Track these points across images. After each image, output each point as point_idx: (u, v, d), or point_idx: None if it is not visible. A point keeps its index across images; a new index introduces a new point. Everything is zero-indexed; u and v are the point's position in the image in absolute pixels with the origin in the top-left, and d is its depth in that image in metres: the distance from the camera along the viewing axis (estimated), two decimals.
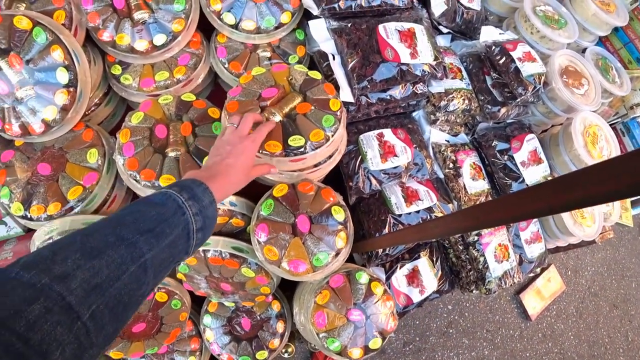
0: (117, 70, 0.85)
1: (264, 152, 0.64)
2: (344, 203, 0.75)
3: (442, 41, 1.05)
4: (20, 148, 0.80)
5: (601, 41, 1.20)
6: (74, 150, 0.78)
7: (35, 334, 0.27)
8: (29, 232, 0.86)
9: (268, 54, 0.89)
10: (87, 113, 0.88)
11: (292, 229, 0.70)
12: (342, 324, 0.74)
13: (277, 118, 0.67)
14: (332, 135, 0.67)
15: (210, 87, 0.99)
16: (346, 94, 0.82)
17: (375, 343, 0.75)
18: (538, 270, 1.16)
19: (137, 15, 0.80)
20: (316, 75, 0.73)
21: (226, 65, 0.87)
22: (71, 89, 0.74)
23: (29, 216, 0.74)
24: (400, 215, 0.89)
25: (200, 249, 0.76)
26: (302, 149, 0.65)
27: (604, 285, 1.60)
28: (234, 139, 0.57)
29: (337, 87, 0.81)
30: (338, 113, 0.68)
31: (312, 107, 0.68)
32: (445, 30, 1.03)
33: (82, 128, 0.81)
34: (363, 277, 0.77)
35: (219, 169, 0.52)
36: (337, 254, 0.72)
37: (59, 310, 0.28)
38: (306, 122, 0.67)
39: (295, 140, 0.64)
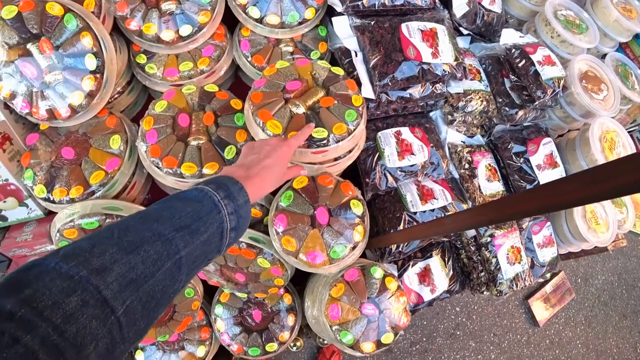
0: (142, 59, 0.86)
1: None
2: (362, 197, 0.75)
3: (462, 43, 1.06)
4: (45, 132, 0.81)
5: (621, 47, 1.19)
6: (98, 135, 0.79)
7: (71, 326, 0.27)
8: (49, 215, 0.87)
9: (290, 49, 0.90)
10: (110, 101, 0.89)
11: (311, 221, 0.71)
12: (355, 318, 0.75)
13: (301, 110, 0.67)
14: (354, 129, 0.67)
15: (232, 79, 1.00)
16: (367, 91, 0.83)
17: (388, 338, 0.76)
18: (548, 275, 1.15)
19: (165, 5, 0.81)
20: (339, 71, 0.74)
21: (249, 59, 0.88)
22: (98, 76, 0.76)
23: (51, 199, 0.76)
24: (415, 213, 0.89)
25: None
26: (325, 141, 0.66)
27: (614, 294, 1.58)
28: (274, 141, 0.58)
29: (359, 84, 0.82)
30: (360, 108, 0.69)
31: (336, 102, 0.69)
32: (465, 31, 1.03)
33: (105, 114, 0.82)
34: (377, 272, 0.78)
35: (256, 171, 0.52)
36: (353, 247, 0.73)
37: (94, 304, 0.28)
38: (329, 115, 0.67)
39: (318, 132, 0.65)
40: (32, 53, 0.73)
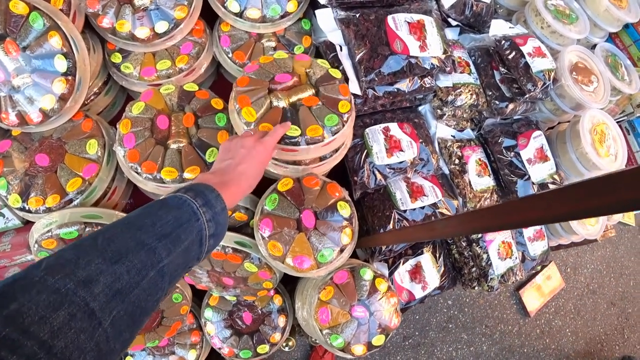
0: (117, 58, 0.82)
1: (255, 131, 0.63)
2: (349, 198, 0.74)
3: (450, 34, 1.03)
4: (17, 138, 0.77)
5: (611, 37, 1.18)
6: (73, 140, 0.76)
7: (59, 341, 0.26)
8: (27, 224, 0.84)
9: (273, 44, 0.86)
10: (86, 102, 0.85)
11: (297, 225, 0.69)
12: (345, 321, 0.74)
13: (282, 104, 0.65)
14: (332, 136, 0.65)
15: (213, 77, 0.97)
16: (353, 87, 0.80)
17: (379, 340, 0.75)
18: (539, 267, 1.15)
19: (138, 1, 0.77)
20: (336, 74, 0.70)
21: (230, 55, 0.84)
22: (70, 78, 0.72)
23: (27, 208, 0.73)
24: (405, 211, 0.88)
25: None
26: (296, 140, 0.63)
27: (603, 283, 1.61)
28: (250, 142, 0.56)
29: (345, 79, 0.79)
30: (345, 116, 0.66)
31: (320, 103, 0.66)
32: (453, 22, 1.00)
33: (81, 118, 0.78)
34: (367, 274, 0.77)
35: (232, 176, 0.52)
36: (341, 250, 0.71)
37: (82, 317, 0.28)
38: (308, 115, 0.65)
39: (291, 130, 0.62)
40: None
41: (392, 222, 0.86)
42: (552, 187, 1.01)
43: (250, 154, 0.54)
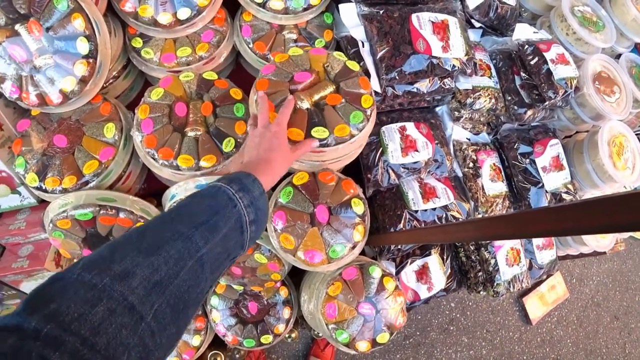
0: (137, 43, 0.82)
1: None
2: (363, 196, 0.73)
3: (473, 36, 1.01)
4: (36, 118, 0.78)
5: (636, 48, 1.15)
6: (91, 123, 0.76)
7: (101, 337, 0.26)
8: (43, 202, 0.85)
9: (294, 36, 0.86)
10: (104, 85, 0.86)
11: (310, 219, 0.69)
12: (351, 317, 0.74)
13: (305, 105, 0.64)
14: (358, 133, 0.65)
15: (232, 66, 0.96)
16: (373, 83, 0.80)
17: (383, 337, 0.76)
18: (545, 276, 1.15)
19: None
20: (354, 66, 0.70)
21: (250, 45, 0.84)
22: (91, 60, 0.72)
23: (43, 188, 0.74)
24: (416, 212, 0.87)
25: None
26: (325, 142, 0.63)
27: (608, 296, 1.60)
28: (260, 130, 0.56)
29: (366, 75, 0.78)
30: (368, 111, 0.66)
31: (343, 100, 0.66)
32: (477, 24, 0.99)
33: (99, 101, 0.79)
34: (376, 272, 0.77)
35: (260, 160, 0.51)
36: (353, 247, 0.71)
37: (122, 312, 0.27)
38: (334, 115, 0.64)
39: (319, 132, 0.62)
40: (21, 34, 0.69)
41: (402, 221, 0.86)
42: (565, 196, 1.00)
43: (264, 136, 0.54)
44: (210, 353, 1.07)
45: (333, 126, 0.63)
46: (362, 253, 0.95)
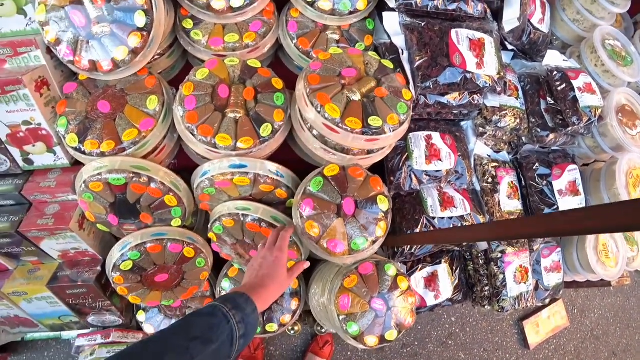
0: (188, 24, 0.86)
1: (343, 126, 0.67)
2: (388, 194, 0.76)
3: (504, 57, 1.05)
4: (83, 82, 0.81)
5: None
6: (135, 93, 0.79)
7: None
8: (75, 165, 0.88)
9: (337, 37, 0.89)
10: (149, 61, 0.89)
11: (337, 210, 0.71)
12: (363, 310, 0.75)
13: (357, 97, 0.69)
14: (405, 121, 0.69)
15: (270, 59, 1.00)
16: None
17: (391, 335, 0.77)
18: (547, 301, 1.16)
19: None
20: (389, 64, 0.75)
21: (294, 40, 0.88)
22: (144, 33, 0.76)
23: (82, 149, 0.76)
24: (433, 218, 0.89)
25: (240, 212, 0.78)
26: (380, 130, 0.68)
27: (608, 331, 1.59)
28: (264, 254, 0.64)
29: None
30: (409, 102, 0.70)
31: (389, 93, 0.70)
32: (509, 47, 1.03)
33: (145, 74, 0.82)
34: (391, 270, 0.79)
35: (257, 282, 0.59)
36: (374, 242, 0.73)
37: None
38: (384, 105, 0.69)
39: (374, 121, 0.67)
40: (84, 2, 0.73)
41: (420, 226, 0.88)
42: None
43: (266, 260, 0.62)
44: None
45: (385, 116, 0.69)
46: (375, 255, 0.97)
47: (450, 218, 0.91)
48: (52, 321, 1.03)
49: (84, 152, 0.76)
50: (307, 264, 0.70)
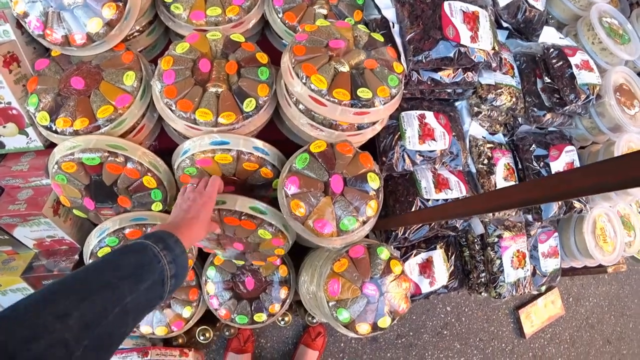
0: None
1: (330, 98, 0.64)
2: (379, 172, 0.72)
3: (499, 36, 1.02)
4: (55, 58, 0.77)
5: None
6: (111, 69, 0.75)
7: None
8: (49, 148, 0.83)
9: (325, 12, 0.85)
10: (127, 38, 0.84)
11: (324, 188, 0.68)
12: (355, 296, 0.72)
13: (345, 68, 0.66)
14: (395, 95, 0.65)
15: (257, 37, 0.96)
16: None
17: (384, 322, 0.73)
18: (543, 289, 1.14)
19: None
20: (379, 37, 0.71)
21: (280, 15, 0.83)
22: (120, 4, 0.71)
23: (53, 128, 0.72)
24: (428, 200, 0.86)
25: (216, 207, 0.73)
26: (370, 102, 0.65)
27: (602, 319, 1.58)
28: (193, 195, 0.64)
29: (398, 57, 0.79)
30: (400, 76, 0.67)
31: (379, 66, 0.67)
32: (504, 24, 0.99)
33: (122, 49, 0.77)
34: (384, 253, 0.75)
35: (184, 222, 0.59)
36: (364, 222, 0.69)
37: (58, 346, 0.33)
38: (373, 77, 0.66)
39: (364, 92, 0.64)
40: None
41: (413, 208, 0.85)
42: (577, 204, 0.99)
43: (195, 203, 0.63)
44: (199, 328, 1.04)
45: (375, 88, 0.65)
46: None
47: (446, 200, 0.88)
48: None
49: (55, 131, 0.72)
50: (219, 230, 0.70)
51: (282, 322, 1.01)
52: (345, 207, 0.67)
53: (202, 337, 1.02)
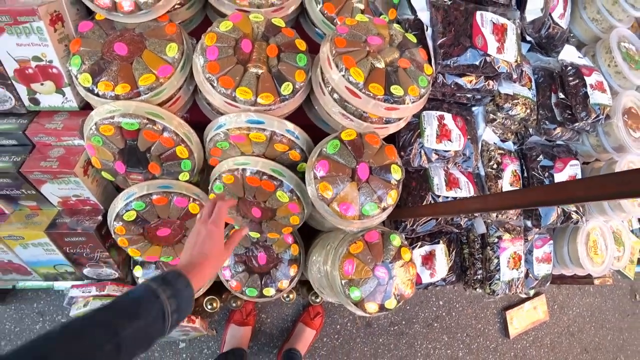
0: None
1: (365, 91, 0.67)
2: (401, 164, 0.77)
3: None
4: (99, 22, 0.78)
5: None
6: (154, 39, 0.77)
7: None
8: (84, 110, 0.85)
9: (362, 7, 0.88)
10: (169, 10, 0.86)
11: (352, 174, 0.72)
12: (367, 277, 0.77)
13: (381, 65, 0.69)
14: (424, 95, 0.69)
15: (291, 24, 0.98)
16: None
17: (391, 303, 0.79)
18: (532, 292, 1.20)
19: None
20: (412, 38, 0.75)
21: (320, 5, 0.86)
22: None
23: (95, 91, 0.74)
24: (438, 197, 0.91)
25: (240, 167, 0.77)
26: (401, 100, 0.68)
27: (583, 328, 1.67)
28: (198, 228, 0.63)
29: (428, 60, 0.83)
30: (429, 77, 0.71)
31: (412, 65, 0.71)
32: (528, 38, 1.04)
33: (166, 20, 0.80)
34: (396, 240, 0.80)
35: (192, 259, 0.58)
36: (383, 209, 0.74)
37: None
38: (406, 76, 0.70)
39: (396, 89, 0.68)
40: None
41: (425, 202, 0.90)
42: (574, 215, 1.05)
43: (200, 236, 0.61)
44: (207, 298, 1.08)
45: (406, 86, 0.69)
46: None
47: (455, 198, 0.93)
48: (47, 270, 1.02)
49: (96, 94, 0.74)
50: (246, 231, 0.68)
51: (287, 299, 1.07)
52: (369, 193, 0.72)
53: (209, 307, 1.07)
